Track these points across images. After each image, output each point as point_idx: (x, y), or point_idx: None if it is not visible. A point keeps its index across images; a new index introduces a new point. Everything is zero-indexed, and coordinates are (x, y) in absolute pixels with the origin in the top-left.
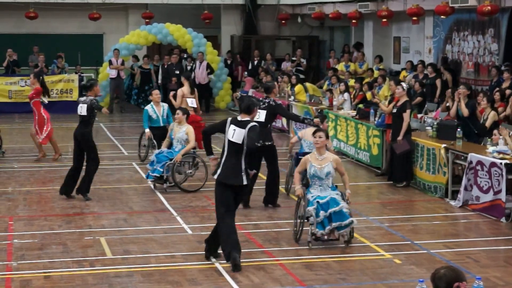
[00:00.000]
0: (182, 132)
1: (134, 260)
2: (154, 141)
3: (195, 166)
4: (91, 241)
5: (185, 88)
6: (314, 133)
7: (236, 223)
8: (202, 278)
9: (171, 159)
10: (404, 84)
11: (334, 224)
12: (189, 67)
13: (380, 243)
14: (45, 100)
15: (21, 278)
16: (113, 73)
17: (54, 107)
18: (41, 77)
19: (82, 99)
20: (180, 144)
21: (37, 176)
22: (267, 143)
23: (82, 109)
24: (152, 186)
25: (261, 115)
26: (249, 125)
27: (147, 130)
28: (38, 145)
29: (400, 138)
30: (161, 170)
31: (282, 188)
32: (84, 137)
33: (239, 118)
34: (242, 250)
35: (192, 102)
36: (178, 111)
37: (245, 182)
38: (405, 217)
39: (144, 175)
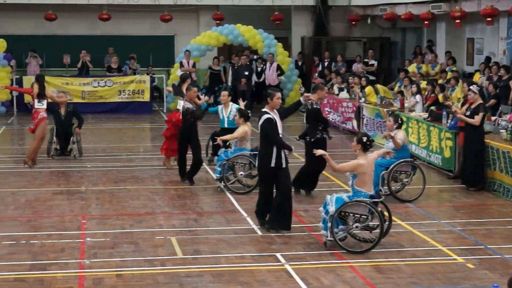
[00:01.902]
0: (236, 133)
1: (205, 260)
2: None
3: (250, 169)
4: (162, 240)
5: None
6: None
7: (306, 225)
8: (271, 279)
9: (226, 160)
10: (474, 88)
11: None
12: (259, 68)
13: (452, 247)
14: (37, 103)
15: (93, 276)
16: None
17: (128, 108)
18: (39, 80)
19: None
20: (235, 145)
21: (109, 176)
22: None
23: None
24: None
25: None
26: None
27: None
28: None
29: (459, 116)
30: (219, 169)
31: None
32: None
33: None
34: (312, 252)
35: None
36: (236, 113)
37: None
38: (478, 221)
39: (213, 176)
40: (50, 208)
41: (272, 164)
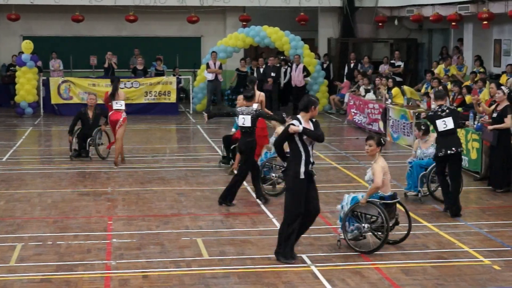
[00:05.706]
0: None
1: (230, 262)
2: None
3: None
4: (188, 241)
5: None
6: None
7: (332, 226)
8: (298, 280)
9: (265, 161)
10: (504, 88)
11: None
12: (284, 70)
13: (478, 248)
14: (115, 104)
15: (119, 277)
16: (210, 76)
17: (154, 109)
18: (113, 81)
19: (242, 109)
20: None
21: (135, 177)
22: (459, 150)
23: (246, 121)
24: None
25: (447, 123)
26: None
27: (233, 130)
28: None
29: (491, 127)
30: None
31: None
32: (249, 147)
33: (299, 116)
34: (338, 254)
35: None
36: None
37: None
38: (505, 222)
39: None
40: (76, 209)
41: (302, 176)
